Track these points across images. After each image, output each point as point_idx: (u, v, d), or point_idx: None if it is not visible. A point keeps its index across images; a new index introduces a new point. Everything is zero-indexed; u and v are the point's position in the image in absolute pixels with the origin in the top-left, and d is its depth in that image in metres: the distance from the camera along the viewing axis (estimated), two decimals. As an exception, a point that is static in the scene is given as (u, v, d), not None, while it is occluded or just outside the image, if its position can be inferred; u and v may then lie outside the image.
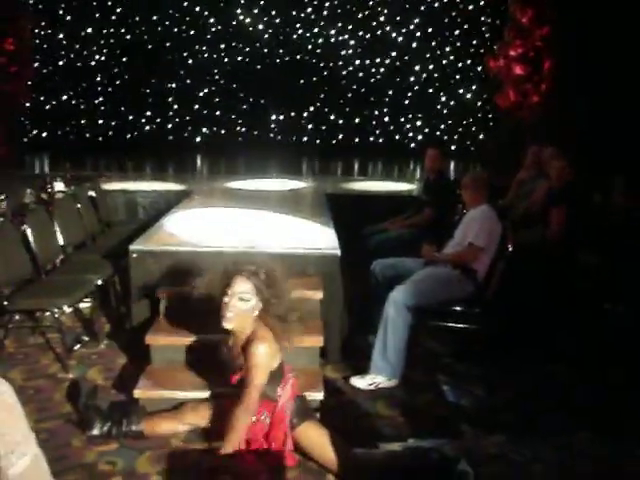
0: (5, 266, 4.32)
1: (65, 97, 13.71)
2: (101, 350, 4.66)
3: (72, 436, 3.47)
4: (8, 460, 1.44)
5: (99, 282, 4.82)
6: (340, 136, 14.31)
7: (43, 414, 3.67)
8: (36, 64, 12.37)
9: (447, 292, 4.45)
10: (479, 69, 13.59)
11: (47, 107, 13.60)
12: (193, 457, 3.30)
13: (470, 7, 13.78)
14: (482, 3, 13.70)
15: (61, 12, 13.47)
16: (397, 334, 4.13)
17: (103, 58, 13.78)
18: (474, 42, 13.88)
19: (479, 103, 13.94)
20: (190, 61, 13.98)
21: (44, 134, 13.57)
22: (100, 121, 13.88)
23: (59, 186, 6.58)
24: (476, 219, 4.58)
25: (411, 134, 14.20)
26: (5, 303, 4.27)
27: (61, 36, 13.55)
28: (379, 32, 14.03)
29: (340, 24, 13.98)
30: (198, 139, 14.14)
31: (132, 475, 3.14)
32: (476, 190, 4.74)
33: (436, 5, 13.84)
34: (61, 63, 13.64)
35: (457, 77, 14.11)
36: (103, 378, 4.21)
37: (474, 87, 14.04)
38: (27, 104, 12.46)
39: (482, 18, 13.82)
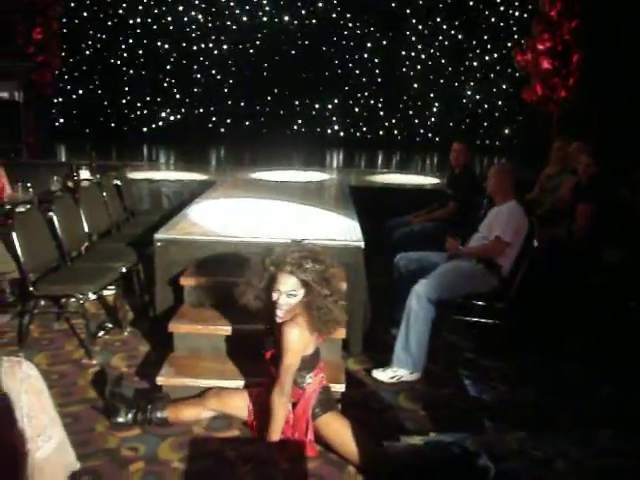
0: (31, 253, 4.37)
1: (91, 87, 13.81)
2: (125, 337, 4.69)
3: (95, 421, 3.51)
4: (35, 443, 1.45)
5: (123, 270, 4.85)
6: (364, 128, 14.26)
7: (67, 399, 3.71)
8: (63, 54, 12.46)
9: (470, 286, 4.43)
10: (506, 63, 13.46)
11: (73, 96, 13.71)
12: (215, 445, 3.32)
13: (498, 0, 13.65)
14: (510, -4, 13.57)
15: (88, 2, 13.55)
16: (419, 327, 4.12)
17: (129, 48, 13.85)
18: (501, 35, 13.74)
19: (505, 97, 13.80)
20: (215, 52, 14.01)
21: (70, 123, 13.67)
22: (125, 110, 13.96)
23: (85, 174, 6.63)
24: (504, 213, 4.55)
25: (436, 128, 14.11)
26: (31, 289, 4.32)
27: (88, 26, 13.63)
28: (405, 24, 13.94)
29: (366, 16, 13.91)
30: (222, 130, 14.17)
31: (154, 461, 3.16)
32: (501, 182, 4.69)
33: (463, -2, 13.73)
34: (88, 53, 13.72)
35: (483, 71, 13.98)
36: (126, 365, 4.24)
37: (500, 81, 13.91)
38: (54, 93, 12.61)
39: (510, 11, 13.67)
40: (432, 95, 14.12)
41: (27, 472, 1.44)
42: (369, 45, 14.06)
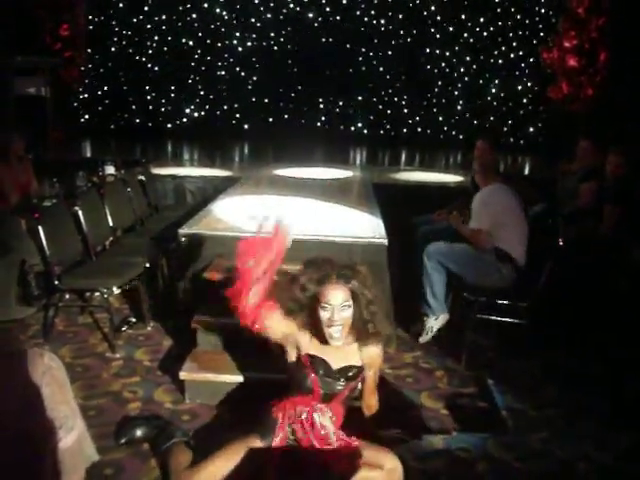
0: (57, 247, 4.41)
1: (116, 83, 13.90)
2: (148, 332, 4.73)
3: (119, 414, 3.54)
4: (57, 434, 1.46)
5: (147, 265, 4.88)
6: (388, 126, 14.21)
7: (91, 391, 3.75)
8: (89, 50, 12.57)
9: (479, 271, 4.52)
10: (531, 60, 13.34)
11: (99, 93, 13.81)
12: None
13: (524, -4, 13.54)
14: (536, -7, 13.42)
15: (115, -1, 13.67)
16: (438, 276, 4.59)
17: (154, 45, 13.92)
18: (527, 33, 13.61)
19: (530, 95, 13.67)
20: (240, 48, 14.03)
21: (95, 119, 13.78)
22: (150, 107, 14.04)
23: (110, 170, 6.69)
24: (476, 203, 4.70)
25: (460, 125, 14.02)
26: (56, 282, 4.37)
27: (114, 22, 13.73)
28: (430, 21, 13.86)
29: (390, 13, 13.85)
30: (246, 126, 14.20)
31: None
32: (484, 170, 4.87)
33: (489, -6, 13.61)
34: (113, 49, 13.82)
35: (509, 68, 13.86)
36: (149, 359, 4.27)
37: (526, 79, 13.78)
38: (80, 89, 12.72)
39: (536, 8, 13.53)
40: (456, 92, 14.03)
41: (49, 463, 1.45)
42: (393, 42, 14.00)
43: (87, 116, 13.78)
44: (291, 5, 13.89)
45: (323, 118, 14.26)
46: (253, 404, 3.60)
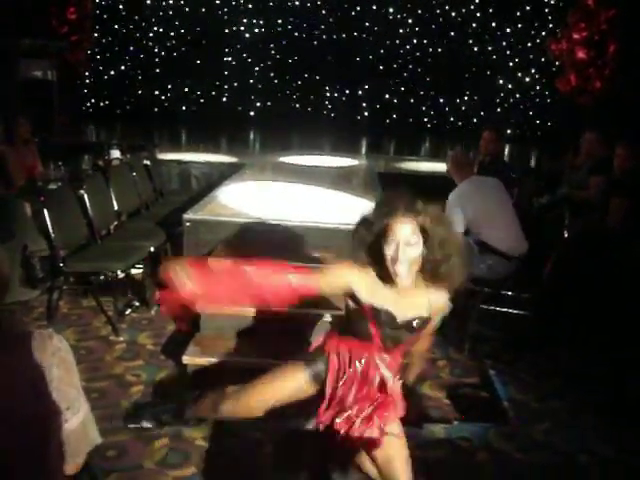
0: (62, 230, 4.42)
1: (123, 67, 13.88)
2: (151, 316, 4.73)
3: (121, 397, 3.55)
4: (65, 415, 1.46)
5: (152, 249, 4.89)
6: (394, 115, 14.17)
7: (94, 374, 3.76)
8: (96, 34, 12.53)
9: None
10: (540, 52, 13.26)
11: (105, 77, 13.79)
12: (239, 425, 3.34)
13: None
14: (546, -16, 13.33)
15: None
16: None
17: (161, 30, 13.88)
18: (536, 24, 13.53)
19: (538, 87, 13.61)
20: (247, 35, 13.99)
21: (101, 103, 13.77)
22: (156, 92, 14.01)
23: (115, 154, 6.68)
24: (450, 206, 4.49)
25: (467, 116, 13.96)
26: (61, 265, 4.38)
27: (121, 7, 13.68)
28: (438, 11, 13.78)
29: (399, 2, 13.77)
30: (252, 113, 14.17)
31: (178, 437, 3.19)
32: (458, 170, 4.77)
33: (498, -15, 13.51)
34: (120, 34, 13.78)
35: (517, 60, 13.79)
36: (152, 343, 4.28)
37: (533, 70, 13.71)
38: (86, 73, 12.70)
39: (545, 0, 13.45)
40: (463, 83, 13.97)
41: (55, 443, 1.46)
42: (400, 31, 13.94)
43: (93, 100, 13.76)
44: (299, -8, 13.84)
45: (329, 106, 14.22)
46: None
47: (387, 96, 14.09)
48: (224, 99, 14.12)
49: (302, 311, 3.47)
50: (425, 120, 14.05)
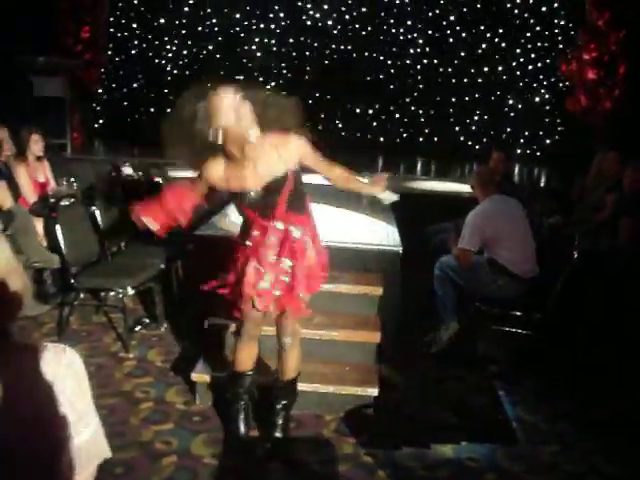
0: (74, 246, 4.46)
1: (135, 85, 14.00)
2: (161, 333, 4.76)
3: (130, 414, 3.57)
4: (76, 428, 1.48)
5: (162, 266, 4.92)
6: (404, 134, 14.20)
7: (103, 391, 3.77)
8: (109, 52, 12.66)
9: (475, 281, 4.54)
10: (550, 72, 13.29)
11: (118, 95, 13.91)
12: (247, 443, 3.34)
13: (543, 9, 13.47)
14: (556, 5, 13.35)
15: (136, 2, 13.75)
16: (448, 286, 4.60)
17: (174, 48, 14.01)
18: (546, 44, 13.56)
19: (548, 107, 13.63)
20: (259, 54, 14.10)
21: (114, 120, 13.88)
22: (168, 110, 14.09)
23: (128, 171, 6.72)
24: (471, 221, 4.57)
25: (476, 136, 13.98)
26: (72, 281, 4.41)
27: (135, 25, 13.83)
28: (448, 31, 13.85)
29: (409, 22, 13.85)
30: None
31: (186, 455, 3.21)
32: (482, 188, 4.75)
33: (508, 6, 13.55)
34: (133, 52, 13.92)
35: (526, 80, 13.82)
36: (162, 360, 4.30)
37: (543, 90, 13.74)
38: (99, 91, 12.83)
39: (555, 20, 13.49)
40: (473, 103, 14.00)
41: (65, 455, 1.47)
42: (411, 51, 14.01)
43: (106, 117, 13.87)
44: (310, 12, 13.93)
45: (340, 125, 14.27)
46: (263, 406, 3.64)
47: (397, 115, 14.14)
48: (235, 117, 14.21)
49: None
50: (435, 140, 14.07)
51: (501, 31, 13.68)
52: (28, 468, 1.39)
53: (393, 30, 13.95)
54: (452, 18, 13.75)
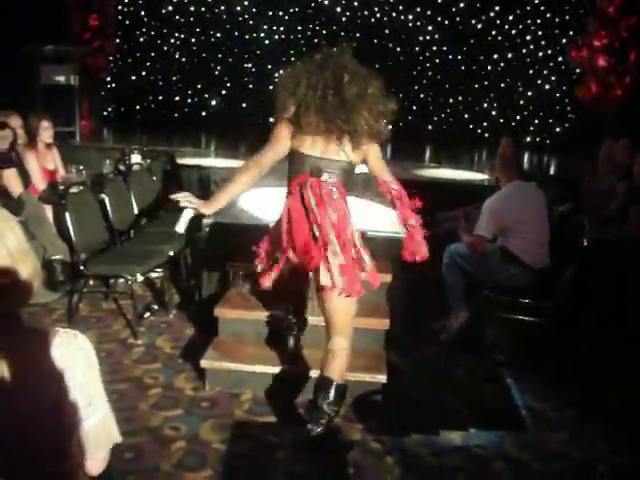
0: (83, 233, 4.47)
1: (144, 73, 13.99)
2: (170, 319, 4.77)
3: (139, 400, 3.59)
4: (86, 412, 1.50)
5: (171, 253, 4.92)
6: (413, 122, 14.14)
7: (113, 377, 3.79)
8: (117, 40, 12.65)
9: (486, 269, 4.51)
10: (560, 59, 13.19)
11: (126, 82, 13.90)
12: (255, 429, 3.36)
13: (554, -5, 13.37)
14: (566, -9, 13.25)
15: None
16: (457, 275, 4.57)
17: (182, 36, 13.98)
18: (556, 32, 13.45)
19: (558, 94, 13.53)
20: (267, 41, 14.05)
21: (122, 108, 13.88)
22: (176, 98, 14.10)
23: (136, 159, 6.72)
24: (489, 207, 4.54)
25: (486, 123, 13.91)
26: (81, 268, 4.43)
27: (143, 13, 13.80)
28: (458, 19, 13.76)
29: (419, 9, 13.77)
30: (272, 119, 14.18)
31: (195, 441, 3.22)
32: (505, 171, 4.73)
33: (518, -8, 13.45)
34: (141, 40, 13.90)
35: (536, 67, 13.72)
36: (170, 347, 4.32)
37: (553, 78, 13.64)
38: (107, 78, 12.83)
39: (566, 7, 13.38)
40: (483, 91, 13.91)
41: (76, 439, 1.49)
42: (420, 38, 13.93)
43: (114, 105, 13.87)
44: (319, -1, 13.88)
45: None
46: (272, 394, 3.66)
47: (406, 103, 14.07)
48: (244, 105, 14.16)
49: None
50: (444, 127, 14.01)
51: (511, 18, 13.57)
52: (43, 444, 1.41)
53: (401, 17, 13.86)
54: (462, 5, 13.64)
